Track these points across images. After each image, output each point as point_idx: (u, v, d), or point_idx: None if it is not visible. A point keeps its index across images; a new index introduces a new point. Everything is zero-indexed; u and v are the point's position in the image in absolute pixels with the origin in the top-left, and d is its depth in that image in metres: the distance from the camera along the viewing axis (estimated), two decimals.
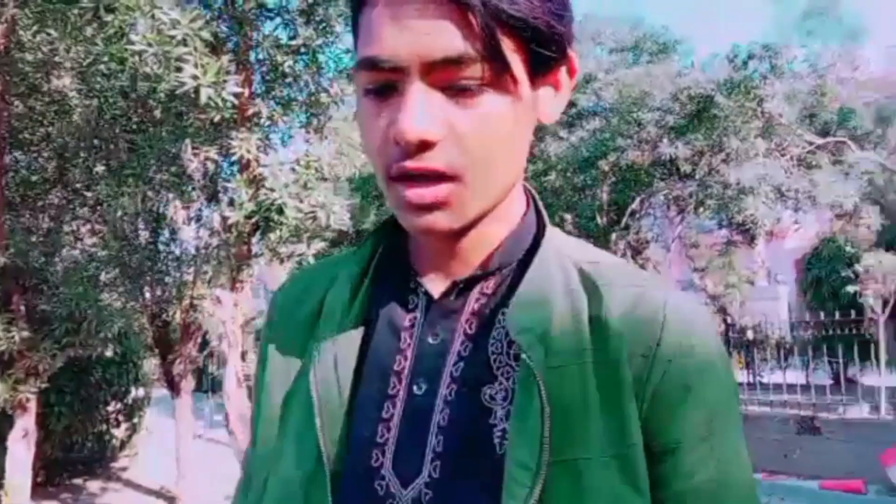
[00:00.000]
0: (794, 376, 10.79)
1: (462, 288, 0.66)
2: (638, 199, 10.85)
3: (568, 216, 11.43)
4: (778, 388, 10.64)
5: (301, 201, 5.87)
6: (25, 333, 6.38)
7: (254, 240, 5.80)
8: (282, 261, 5.93)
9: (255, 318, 6.56)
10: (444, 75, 0.57)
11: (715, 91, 9.80)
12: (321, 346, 0.65)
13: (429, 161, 0.57)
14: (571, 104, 10.73)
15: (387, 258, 0.70)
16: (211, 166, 5.74)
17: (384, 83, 0.58)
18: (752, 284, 13.30)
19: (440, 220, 0.60)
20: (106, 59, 5.50)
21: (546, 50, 0.60)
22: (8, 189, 6.97)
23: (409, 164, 0.58)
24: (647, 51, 11.53)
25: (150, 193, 6.10)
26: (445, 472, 0.59)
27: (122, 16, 4.76)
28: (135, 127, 6.52)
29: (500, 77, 0.57)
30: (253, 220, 5.49)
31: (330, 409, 0.62)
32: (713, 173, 10.17)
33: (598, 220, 10.90)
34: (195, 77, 4.50)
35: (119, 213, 6.21)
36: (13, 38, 6.53)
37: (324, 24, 6.40)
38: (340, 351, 0.64)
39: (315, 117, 6.37)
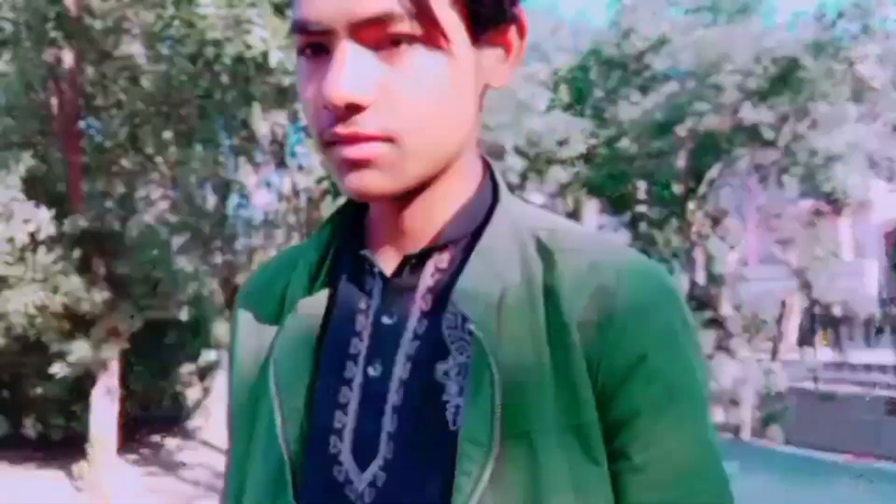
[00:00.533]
0: (884, 356, 10.23)
1: (414, 264, 0.63)
2: (717, 167, 10.37)
3: (642, 183, 11.07)
4: (867, 367, 10.12)
5: None
6: (106, 294, 6.58)
7: (323, 205, 5.78)
8: None
9: None
10: (372, 34, 0.54)
11: (801, 53, 9.20)
12: (281, 341, 0.64)
13: (360, 126, 0.55)
14: (645, 67, 10.29)
15: (345, 241, 0.68)
16: (279, 132, 5.73)
17: (316, 44, 0.56)
18: (838, 258, 12.63)
19: (374, 180, 0.57)
20: (175, 23, 5.50)
21: (484, 7, 0.57)
22: (84, 154, 7.16)
23: (340, 129, 0.55)
24: (727, 10, 10.89)
25: (220, 158, 6.13)
26: (398, 452, 0.59)
27: None
28: (203, 93, 6.57)
29: (430, 34, 0.55)
30: (322, 185, 5.45)
31: (290, 404, 0.62)
32: (798, 140, 9.60)
33: (675, 188, 10.49)
34: (264, 40, 4.43)
35: (192, 179, 6.28)
36: (84, 5, 6.62)
37: None
38: (299, 343, 0.64)
39: None
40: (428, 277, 0.63)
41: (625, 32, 10.29)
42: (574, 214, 13.44)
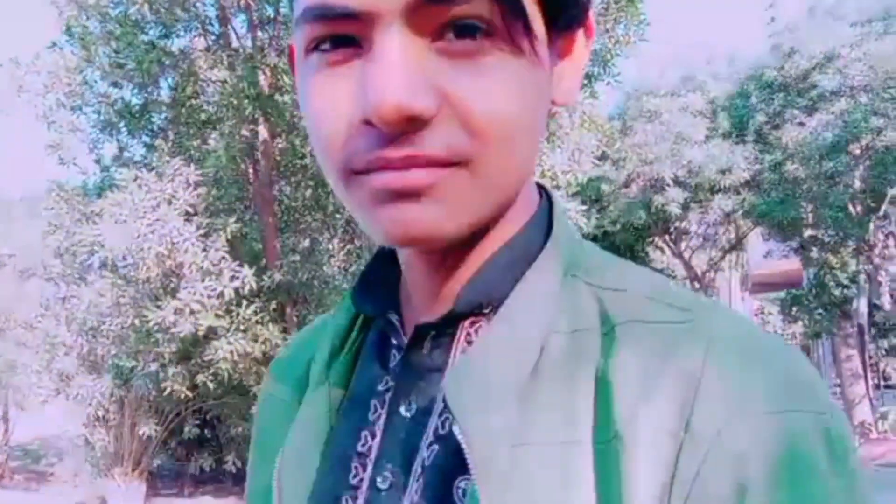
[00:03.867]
0: None
1: (436, 335, 0.47)
2: None
3: (810, 207, 10.50)
4: None
5: None
6: None
7: None
8: None
9: None
10: (432, 19, 0.39)
11: None
12: (294, 428, 0.52)
13: (421, 146, 0.39)
14: (811, 86, 9.84)
15: (375, 303, 0.52)
16: None
17: (342, 36, 0.40)
18: None
19: (429, 217, 0.40)
20: None
21: (567, 3, 0.44)
22: (276, 215, 7.95)
23: (391, 152, 0.39)
24: None
25: None
26: None
27: None
28: None
29: (513, 25, 0.40)
30: None
31: None
32: None
33: (851, 209, 9.86)
34: None
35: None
36: (273, 83, 7.44)
37: None
38: (311, 431, 0.51)
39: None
40: (458, 354, 0.47)
41: (787, 53, 9.93)
42: (738, 242, 12.93)
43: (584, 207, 6.40)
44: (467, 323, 0.47)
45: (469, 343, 0.47)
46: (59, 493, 9.14)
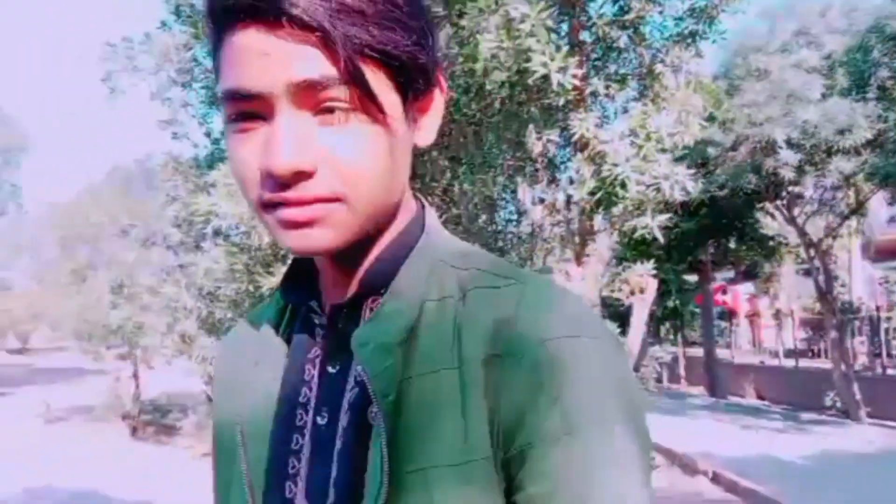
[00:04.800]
0: None
1: (347, 312, 0.67)
2: None
3: None
4: None
5: (642, 174, 5.86)
6: None
7: (596, 217, 5.95)
8: (624, 234, 5.99)
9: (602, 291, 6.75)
10: (310, 98, 0.57)
11: None
12: (248, 395, 0.71)
13: (308, 190, 0.58)
14: None
15: (299, 293, 0.72)
16: (552, 148, 6.03)
17: (250, 111, 0.59)
18: None
19: (318, 237, 0.59)
20: (460, 60, 6.04)
21: (413, 80, 0.61)
22: None
23: (289, 194, 0.58)
24: None
25: (498, 178, 6.58)
26: (341, 497, 0.62)
27: (475, 18, 5.18)
28: (477, 119, 7.07)
29: (366, 103, 0.57)
30: (596, 196, 5.62)
31: (253, 453, 0.68)
32: None
33: None
34: (544, 65, 4.74)
35: (475, 200, 6.80)
36: None
37: None
38: (262, 396, 0.69)
39: (649, 88, 6.30)
40: (362, 323, 0.65)
41: None
42: (859, 207, 12.14)
43: (691, 172, 6.17)
44: (369, 300, 0.66)
45: (371, 314, 0.65)
46: (185, 447, 9.80)
